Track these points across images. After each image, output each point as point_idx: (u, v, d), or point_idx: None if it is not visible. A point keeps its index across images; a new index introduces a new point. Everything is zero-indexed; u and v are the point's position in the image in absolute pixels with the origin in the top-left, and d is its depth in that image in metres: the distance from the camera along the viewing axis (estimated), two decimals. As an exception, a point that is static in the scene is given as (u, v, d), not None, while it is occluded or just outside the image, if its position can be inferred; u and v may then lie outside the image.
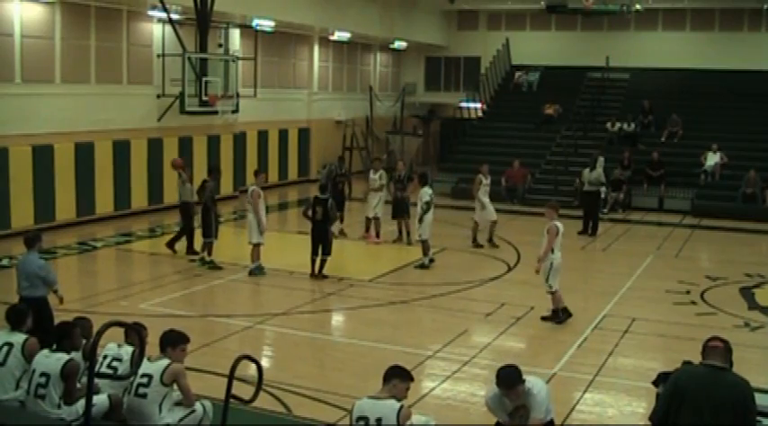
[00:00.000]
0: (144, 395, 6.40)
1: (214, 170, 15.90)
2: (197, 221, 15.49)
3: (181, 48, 20.54)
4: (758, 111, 26.38)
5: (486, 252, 17.07)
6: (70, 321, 7.00)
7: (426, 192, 15.35)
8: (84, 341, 6.84)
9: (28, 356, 6.61)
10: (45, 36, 18.01)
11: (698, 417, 5.23)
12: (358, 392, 6.87)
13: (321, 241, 14.22)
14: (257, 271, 14.35)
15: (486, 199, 17.45)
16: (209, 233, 14.85)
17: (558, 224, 11.66)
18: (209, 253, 14.88)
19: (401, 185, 17.58)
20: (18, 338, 6.73)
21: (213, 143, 22.93)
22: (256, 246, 14.37)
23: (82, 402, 5.98)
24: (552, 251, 11.57)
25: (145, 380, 6.40)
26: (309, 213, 14.32)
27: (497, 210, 17.29)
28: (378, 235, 17.85)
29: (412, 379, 6.05)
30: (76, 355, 6.65)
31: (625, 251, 17.93)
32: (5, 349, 6.67)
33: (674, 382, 5.48)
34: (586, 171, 20.14)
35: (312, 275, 14.22)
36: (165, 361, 6.50)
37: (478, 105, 30.06)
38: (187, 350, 6.82)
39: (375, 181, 17.95)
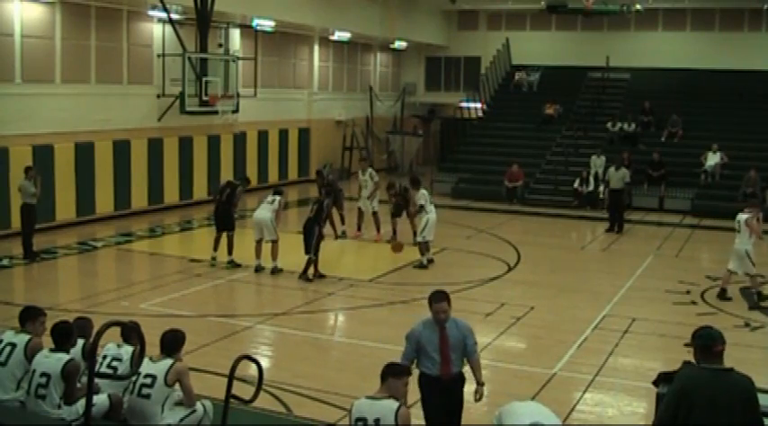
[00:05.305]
0: (147, 396, 6.39)
1: (245, 179, 16.36)
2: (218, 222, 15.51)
3: (181, 48, 20.54)
4: (758, 111, 26.36)
5: (487, 251, 17.05)
6: (70, 321, 6.98)
7: (423, 195, 15.40)
8: (82, 341, 6.83)
9: (30, 356, 6.59)
10: (45, 36, 18.01)
11: (710, 421, 5.15)
12: (358, 392, 6.86)
13: (305, 239, 14.21)
14: (278, 271, 14.58)
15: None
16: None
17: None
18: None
19: (404, 191, 17.42)
20: (22, 338, 6.71)
21: (213, 143, 22.93)
22: (275, 243, 14.55)
23: (82, 402, 5.97)
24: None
25: (148, 381, 6.39)
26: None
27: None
28: (359, 228, 18.08)
29: (408, 373, 6.04)
30: (76, 355, 6.64)
31: (625, 251, 17.93)
32: (8, 349, 6.65)
33: (680, 389, 5.31)
34: (611, 169, 20.81)
35: (300, 275, 14.17)
36: (169, 361, 6.50)
37: (479, 105, 30.04)
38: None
39: (366, 182, 18.01)
